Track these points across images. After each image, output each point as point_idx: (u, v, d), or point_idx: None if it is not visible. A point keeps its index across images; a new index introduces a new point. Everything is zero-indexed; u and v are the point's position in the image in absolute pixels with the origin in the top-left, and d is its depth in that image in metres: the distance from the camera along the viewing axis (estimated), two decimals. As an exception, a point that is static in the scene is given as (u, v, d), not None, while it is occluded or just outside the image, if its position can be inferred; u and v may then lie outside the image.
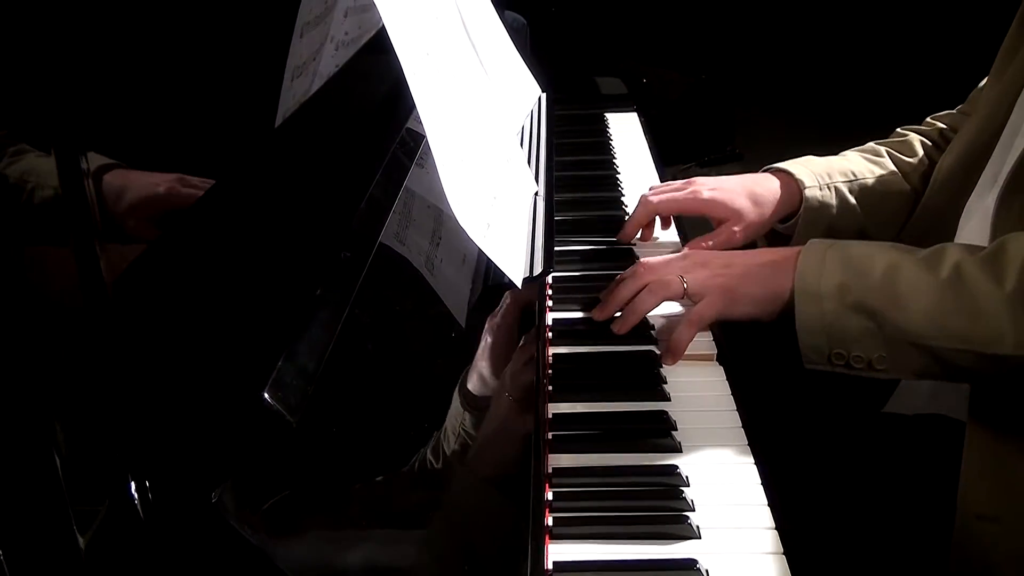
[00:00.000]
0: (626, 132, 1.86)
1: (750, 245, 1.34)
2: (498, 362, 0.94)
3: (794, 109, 4.37)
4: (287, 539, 0.51)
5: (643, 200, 1.30)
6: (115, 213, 0.68)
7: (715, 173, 4.02)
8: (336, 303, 0.63)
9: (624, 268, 1.27)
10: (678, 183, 1.33)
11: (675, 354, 1.04)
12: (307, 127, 0.87)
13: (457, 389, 0.85)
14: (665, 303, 1.09)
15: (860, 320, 0.95)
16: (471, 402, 0.86)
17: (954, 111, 1.38)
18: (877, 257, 0.97)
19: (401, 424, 0.72)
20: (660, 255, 1.29)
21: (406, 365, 0.78)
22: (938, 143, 1.34)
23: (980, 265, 0.92)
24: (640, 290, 1.07)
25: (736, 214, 1.26)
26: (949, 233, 1.18)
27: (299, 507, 0.53)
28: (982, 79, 1.36)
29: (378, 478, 0.64)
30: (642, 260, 1.11)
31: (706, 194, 1.27)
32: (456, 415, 0.82)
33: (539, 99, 1.70)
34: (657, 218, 1.34)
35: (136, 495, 0.49)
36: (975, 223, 1.14)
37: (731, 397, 1.03)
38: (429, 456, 0.73)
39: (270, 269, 0.64)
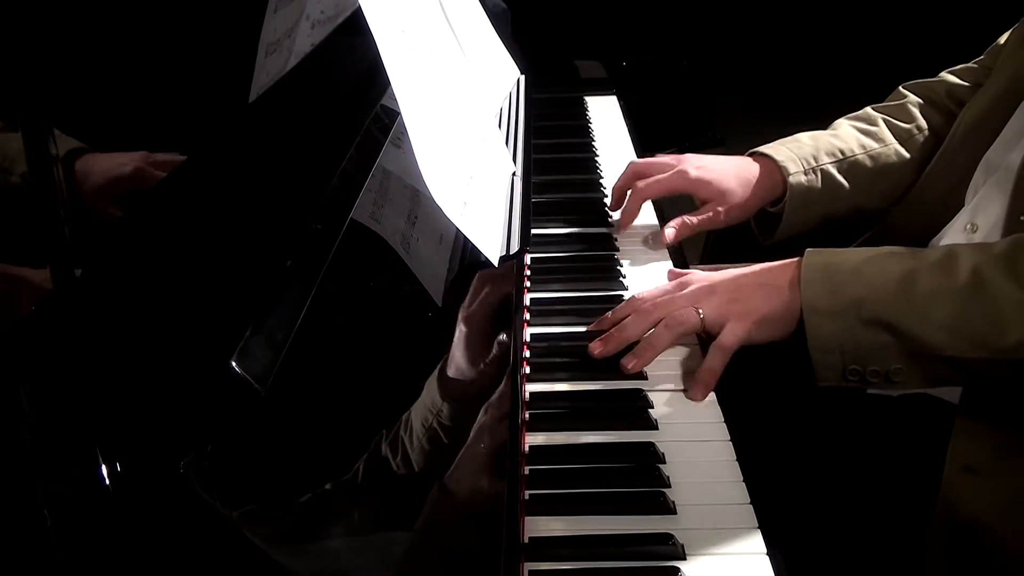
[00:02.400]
0: (605, 115, 1.85)
1: (741, 232, 1.34)
2: (475, 353, 0.94)
3: (776, 94, 4.38)
4: (259, 510, 0.51)
5: (635, 190, 1.28)
6: (84, 197, 0.67)
7: (696, 158, 4.00)
8: (307, 275, 0.62)
9: (602, 249, 1.28)
10: (666, 159, 1.30)
11: (708, 386, 0.97)
12: (281, 103, 0.86)
13: (436, 378, 0.85)
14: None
15: (877, 334, 0.92)
16: (450, 392, 0.85)
17: (972, 64, 1.35)
18: (888, 265, 0.94)
19: (375, 396, 0.72)
20: (639, 238, 1.30)
21: (380, 340, 0.77)
22: (940, 104, 1.32)
23: (1000, 268, 0.89)
24: (652, 325, 1.01)
25: (722, 195, 1.23)
26: (961, 192, 1.16)
27: (271, 478, 0.53)
28: (961, 67, 1.37)
29: (352, 449, 0.64)
30: (641, 296, 1.05)
31: (693, 173, 1.25)
32: (433, 404, 0.82)
33: (518, 81, 1.69)
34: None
35: (104, 466, 0.48)
36: (996, 181, 1.12)
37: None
38: (403, 434, 0.73)
39: (240, 242, 0.64)
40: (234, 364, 0.50)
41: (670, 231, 1.25)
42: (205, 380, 0.50)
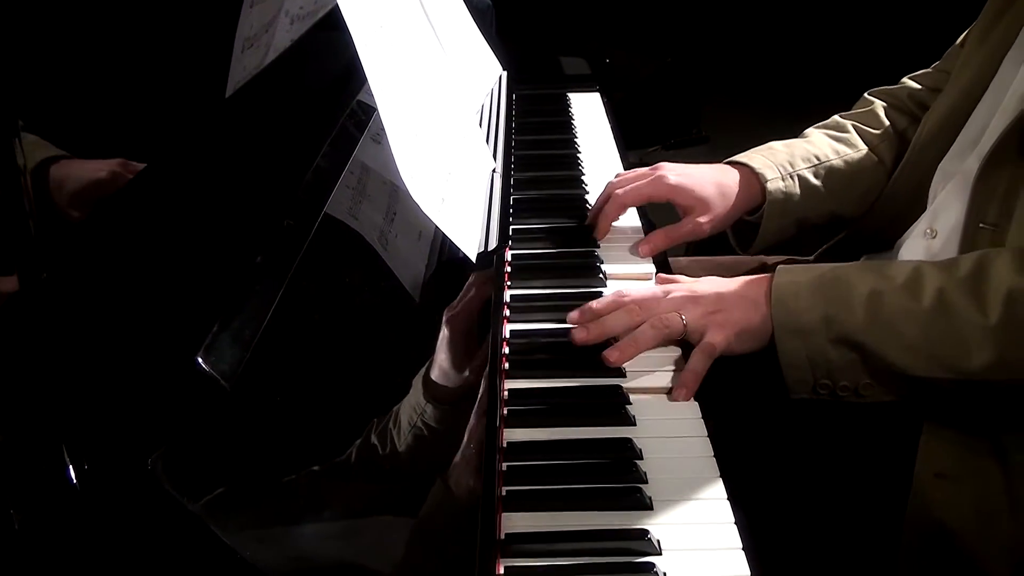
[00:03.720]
0: (588, 111, 1.85)
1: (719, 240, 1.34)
2: (455, 349, 0.94)
3: (761, 91, 4.39)
4: (228, 507, 0.51)
5: (613, 196, 1.26)
6: (59, 203, 0.67)
7: (681, 156, 4.04)
8: (277, 271, 0.62)
9: (584, 247, 1.28)
10: (643, 170, 1.29)
11: (691, 387, 0.97)
12: (258, 99, 0.86)
13: (415, 375, 0.84)
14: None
15: (845, 352, 0.94)
16: (429, 388, 0.86)
17: (930, 69, 1.37)
18: (856, 285, 0.96)
19: (349, 393, 0.72)
20: (619, 236, 1.30)
21: (356, 337, 0.77)
22: (904, 108, 1.33)
23: (963, 292, 0.91)
24: (636, 324, 1.01)
25: (703, 203, 1.23)
26: (924, 196, 1.18)
27: (240, 475, 0.53)
28: (921, 72, 1.37)
29: (323, 448, 0.64)
30: (628, 294, 1.05)
31: (672, 179, 1.24)
32: (409, 400, 0.82)
33: (500, 78, 1.69)
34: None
35: (71, 465, 0.48)
36: (953, 187, 1.13)
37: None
38: (375, 430, 0.72)
39: (209, 238, 0.64)
40: (200, 361, 0.50)
41: (644, 246, 1.25)
42: (171, 377, 0.50)
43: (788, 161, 1.25)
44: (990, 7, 1.19)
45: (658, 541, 0.79)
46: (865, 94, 1.39)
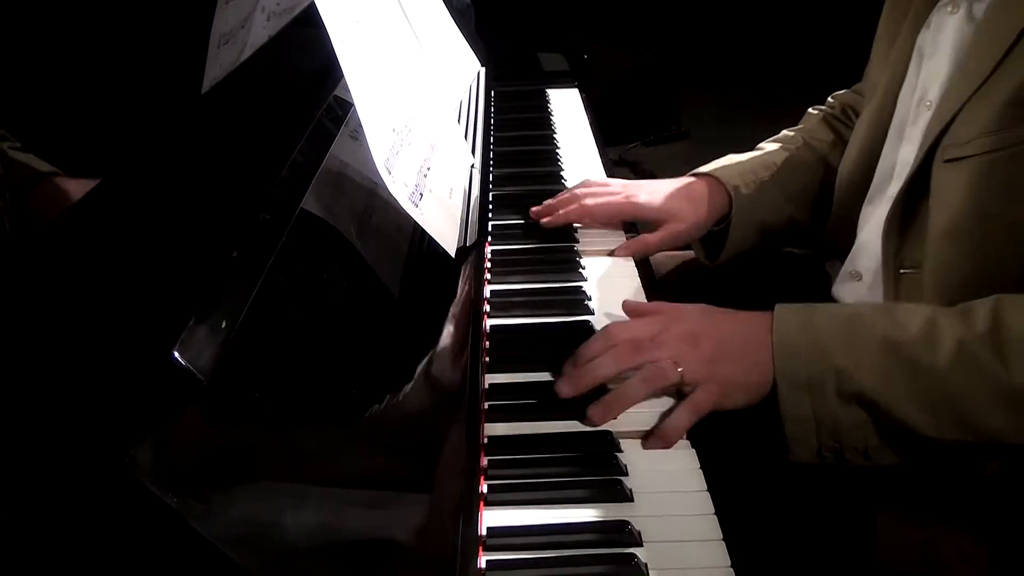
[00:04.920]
0: (567, 107, 1.86)
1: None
2: (435, 345, 0.94)
3: (740, 88, 4.41)
4: (206, 502, 0.51)
5: (580, 202, 1.27)
6: (38, 215, 0.67)
7: (661, 152, 4.04)
8: (253, 265, 0.62)
9: (562, 242, 1.29)
10: (615, 185, 1.32)
11: (668, 441, 0.90)
12: (234, 95, 0.86)
13: (400, 375, 0.84)
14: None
15: (855, 411, 0.86)
16: (414, 389, 0.85)
17: (851, 90, 1.39)
18: (867, 331, 0.88)
19: (327, 387, 0.72)
20: (601, 240, 1.30)
21: (333, 332, 0.77)
22: (841, 118, 1.36)
23: (984, 347, 0.84)
24: (628, 367, 0.93)
25: (674, 215, 1.25)
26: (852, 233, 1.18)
27: (218, 470, 0.53)
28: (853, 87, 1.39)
29: (302, 442, 0.64)
30: (617, 331, 0.96)
31: (642, 198, 1.26)
32: (396, 400, 0.82)
33: (478, 74, 1.69)
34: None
35: (47, 460, 0.48)
36: (868, 232, 1.14)
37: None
38: (357, 424, 0.72)
39: (184, 232, 0.64)
40: (176, 354, 0.50)
41: (622, 250, 1.25)
42: (147, 371, 0.50)
43: (751, 169, 1.29)
44: (880, 34, 1.19)
45: (639, 532, 0.79)
46: (808, 110, 1.42)
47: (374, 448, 0.75)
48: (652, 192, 1.28)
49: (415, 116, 1.03)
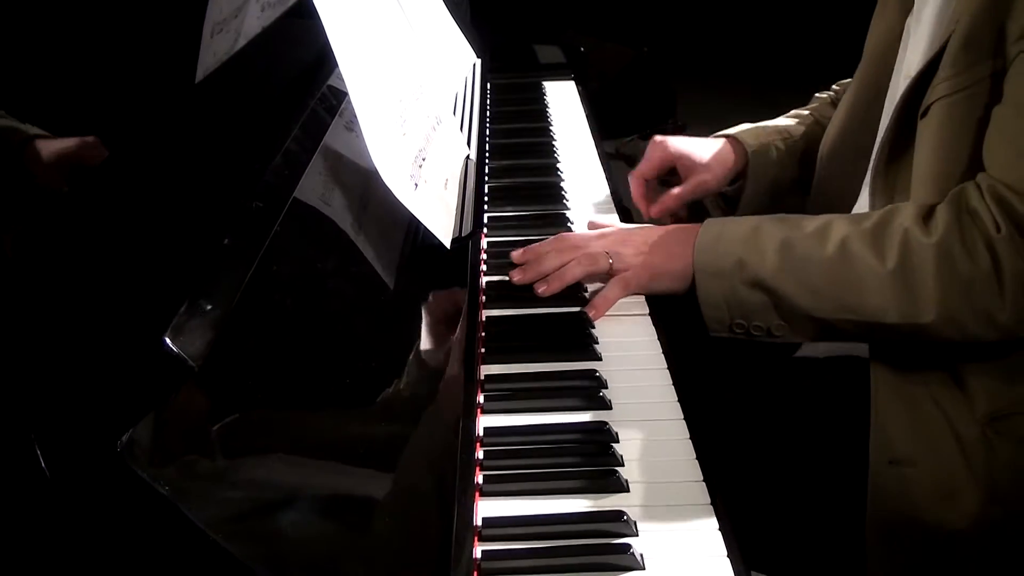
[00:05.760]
0: (563, 100, 1.85)
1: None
2: (431, 335, 0.94)
3: (738, 81, 4.40)
4: (198, 488, 0.50)
5: (631, 177, 1.38)
6: (38, 175, 0.67)
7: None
8: (246, 252, 0.61)
9: (558, 231, 1.28)
10: (647, 149, 1.40)
11: (599, 309, 1.08)
12: (228, 84, 0.85)
13: (394, 365, 0.85)
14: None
15: (757, 295, 1.00)
16: (409, 379, 0.85)
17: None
18: (771, 232, 1.01)
19: (319, 375, 0.71)
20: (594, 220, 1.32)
21: (326, 320, 0.77)
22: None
23: (865, 240, 0.97)
24: (567, 262, 1.10)
25: (703, 166, 1.34)
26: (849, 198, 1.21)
27: (210, 456, 0.52)
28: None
29: (293, 430, 0.64)
30: (563, 234, 1.15)
31: (672, 146, 1.36)
32: (390, 390, 0.81)
33: (474, 65, 1.69)
34: None
35: (39, 447, 0.48)
36: (864, 187, 1.16)
37: (662, 356, 1.03)
38: (351, 412, 0.72)
39: (177, 219, 0.63)
40: (168, 341, 0.49)
41: (656, 207, 1.35)
42: (139, 358, 0.49)
43: (763, 131, 1.38)
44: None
45: (635, 523, 0.79)
46: (816, 94, 1.48)
47: (368, 437, 0.75)
48: (680, 143, 1.36)
49: (410, 106, 1.03)
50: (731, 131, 1.39)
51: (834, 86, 1.45)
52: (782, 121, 1.42)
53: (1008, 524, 0.95)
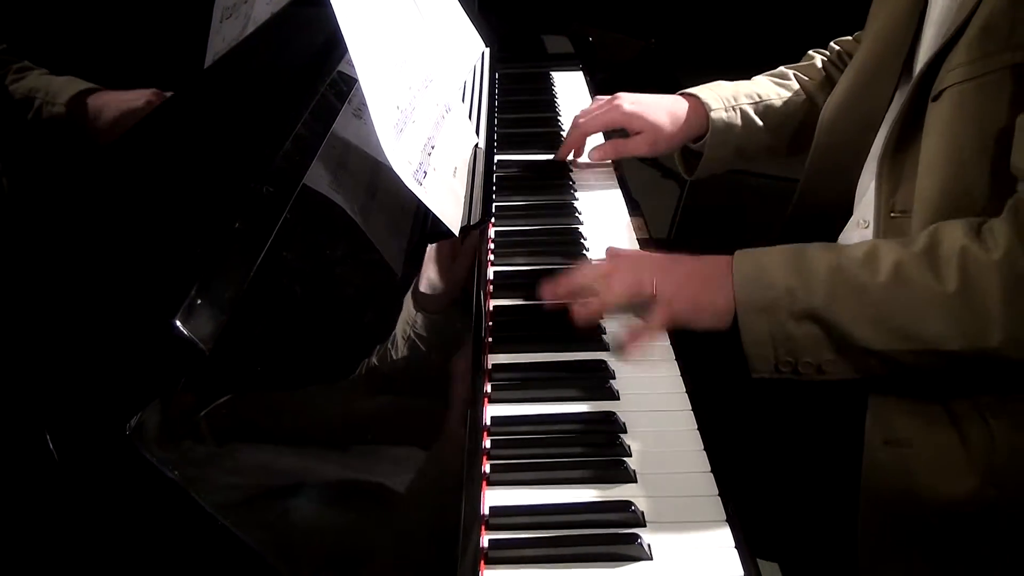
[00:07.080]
0: (571, 90, 1.85)
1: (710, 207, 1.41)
2: (438, 325, 0.93)
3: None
4: (207, 474, 0.50)
5: (574, 124, 1.41)
6: (96, 130, 0.68)
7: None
8: (256, 236, 0.61)
9: (565, 221, 1.29)
10: (603, 100, 1.43)
11: (640, 340, 1.01)
12: (237, 69, 0.85)
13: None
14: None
15: (807, 327, 0.93)
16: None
17: (851, 37, 1.43)
18: (817, 259, 0.96)
19: (328, 359, 0.71)
20: (604, 210, 1.31)
21: (335, 306, 0.77)
22: (836, 62, 1.42)
23: (920, 263, 0.91)
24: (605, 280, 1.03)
25: (653, 127, 1.36)
26: (847, 182, 1.20)
27: (220, 440, 0.52)
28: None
29: (304, 414, 0.63)
30: (600, 263, 1.11)
31: (627, 107, 1.37)
32: (399, 376, 0.81)
33: (483, 54, 1.68)
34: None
35: (47, 430, 0.47)
36: (868, 170, 1.15)
37: (670, 347, 1.03)
38: (359, 398, 0.72)
39: (187, 202, 0.63)
40: (178, 323, 0.49)
41: (596, 152, 1.41)
42: (148, 340, 0.49)
43: (732, 95, 1.37)
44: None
45: (642, 513, 0.79)
46: (809, 51, 1.49)
47: (376, 424, 0.75)
48: (635, 103, 1.38)
49: (419, 94, 1.02)
50: (696, 89, 1.39)
51: (831, 43, 1.45)
52: (760, 81, 1.42)
53: (1004, 505, 0.94)
